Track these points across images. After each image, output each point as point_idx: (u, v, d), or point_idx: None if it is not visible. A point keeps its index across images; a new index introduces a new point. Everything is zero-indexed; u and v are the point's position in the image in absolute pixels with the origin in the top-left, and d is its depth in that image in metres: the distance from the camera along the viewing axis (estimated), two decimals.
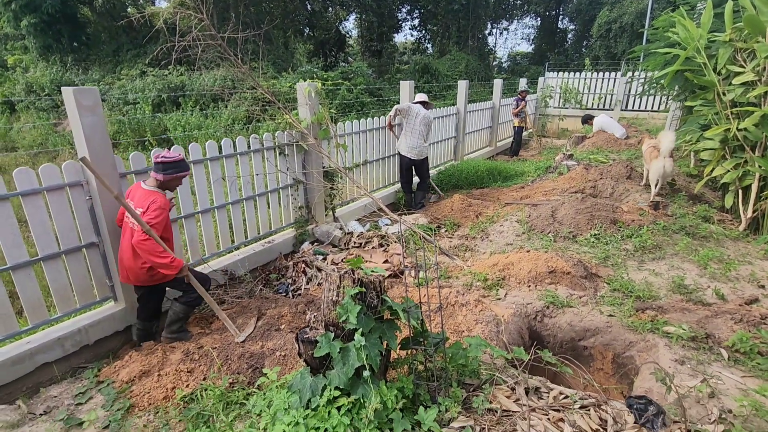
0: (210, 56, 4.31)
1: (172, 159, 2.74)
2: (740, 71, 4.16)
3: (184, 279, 2.86)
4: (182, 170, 2.80)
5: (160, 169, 2.71)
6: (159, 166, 2.70)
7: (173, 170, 2.75)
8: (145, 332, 3.03)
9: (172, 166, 2.74)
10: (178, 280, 2.86)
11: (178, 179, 2.84)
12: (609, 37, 21.34)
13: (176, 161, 2.76)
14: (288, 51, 18.99)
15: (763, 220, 4.28)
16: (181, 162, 2.80)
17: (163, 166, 2.71)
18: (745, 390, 2.13)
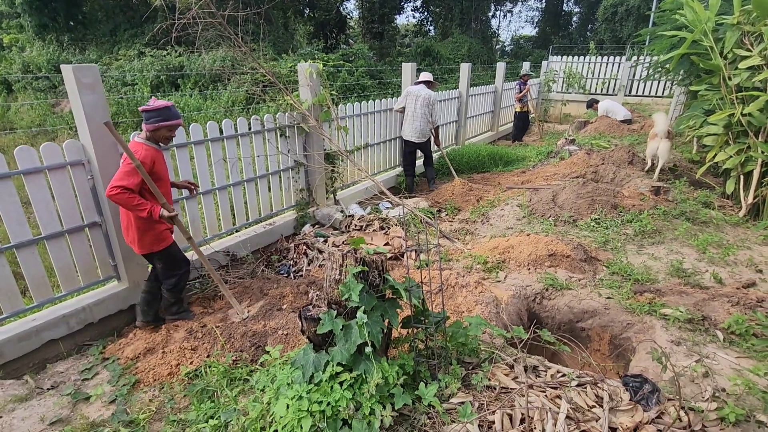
0: (210, 36, 4.24)
1: (154, 107, 2.54)
2: (747, 55, 4.11)
3: (166, 262, 2.79)
4: (167, 119, 2.57)
5: (145, 119, 2.56)
6: (144, 116, 2.56)
7: (157, 118, 2.55)
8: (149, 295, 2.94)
9: (155, 114, 2.54)
10: (163, 261, 2.78)
11: (166, 129, 2.61)
12: (615, 21, 20.99)
13: (158, 108, 2.54)
14: (288, 32, 18.68)
15: (763, 206, 4.28)
16: (164, 109, 2.56)
17: (146, 114, 2.55)
18: (738, 370, 2.17)
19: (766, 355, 2.24)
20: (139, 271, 3.08)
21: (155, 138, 2.63)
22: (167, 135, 2.66)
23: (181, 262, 2.90)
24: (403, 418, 1.79)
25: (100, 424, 2.14)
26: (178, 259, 2.87)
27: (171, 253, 2.81)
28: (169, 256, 2.81)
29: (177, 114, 2.65)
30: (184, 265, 2.91)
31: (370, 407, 1.68)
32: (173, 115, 2.61)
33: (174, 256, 2.84)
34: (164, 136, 2.65)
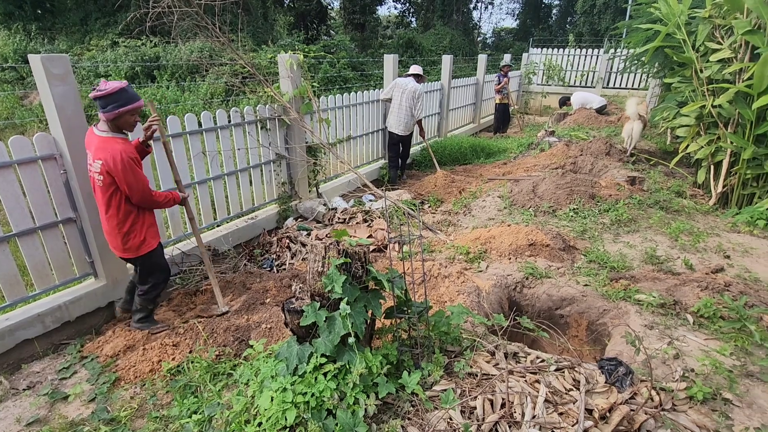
0: (186, 25, 4.14)
1: (108, 91, 2.21)
2: (717, 48, 4.24)
3: (149, 266, 2.64)
4: (127, 102, 2.26)
5: (100, 107, 2.25)
6: (98, 103, 2.25)
7: (115, 105, 2.24)
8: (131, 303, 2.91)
9: (112, 99, 2.23)
10: (145, 266, 2.63)
11: (127, 115, 2.31)
12: (593, 14, 21.30)
13: (113, 92, 2.23)
14: (267, 22, 18.32)
15: (732, 194, 4.46)
16: (121, 92, 2.24)
17: (101, 102, 2.23)
18: (706, 351, 2.27)
19: (732, 336, 2.35)
20: (117, 267, 3.01)
21: (119, 126, 2.35)
22: (131, 121, 2.37)
23: (162, 269, 2.72)
24: (387, 407, 1.82)
25: (80, 423, 2.11)
26: (159, 266, 2.70)
27: (153, 259, 2.65)
28: (151, 260, 2.64)
29: (135, 95, 2.35)
30: (163, 273, 2.74)
31: (354, 397, 1.70)
32: (132, 96, 2.31)
33: (155, 263, 2.67)
34: (128, 122, 2.36)
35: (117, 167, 2.27)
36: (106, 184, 2.34)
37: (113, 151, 2.27)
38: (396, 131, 5.73)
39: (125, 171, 2.29)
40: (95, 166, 2.32)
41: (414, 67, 5.80)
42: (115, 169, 2.27)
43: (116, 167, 2.27)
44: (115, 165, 2.26)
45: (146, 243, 2.56)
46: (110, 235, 2.53)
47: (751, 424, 1.83)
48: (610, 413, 1.76)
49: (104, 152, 2.28)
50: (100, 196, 2.41)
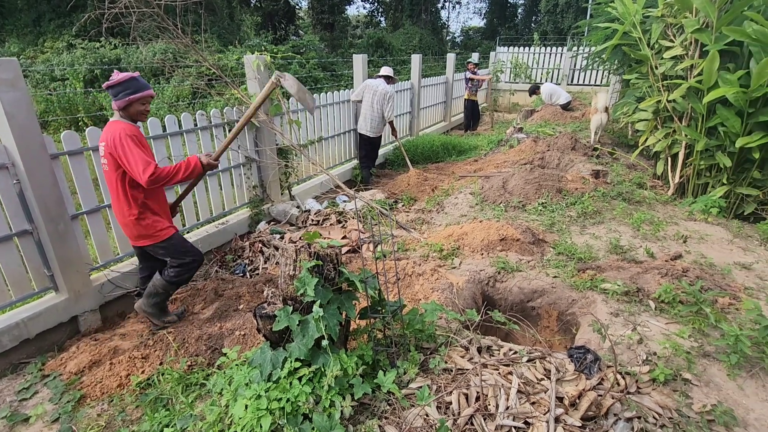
0: (146, 26, 4.00)
1: (118, 80, 2.32)
2: (670, 45, 4.45)
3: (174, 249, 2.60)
4: (137, 90, 2.36)
5: (112, 96, 2.35)
6: (110, 93, 2.35)
7: (125, 92, 2.33)
8: None
9: (122, 88, 2.33)
10: (170, 250, 2.60)
11: (138, 102, 2.39)
12: (556, 13, 21.93)
13: (123, 81, 2.32)
14: (234, 23, 17.94)
15: (688, 184, 4.70)
16: (131, 81, 2.35)
17: (112, 91, 2.34)
18: (667, 334, 2.39)
19: (690, 319, 2.48)
20: (79, 280, 2.88)
21: (129, 115, 2.42)
22: (141, 109, 2.44)
23: (192, 249, 2.70)
24: (364, 407, 1.83)
25: None
26: (186, 247, 2.67)
27: (174, 240, 2.62)
28: (172, 242, 2.60)
29: (146, 84, 2.43)
30: (195, 253, 2.70)
31: (330, 399, 1.69)
32: (142, 85, 2.40)
33: (180, 244, 2.65)
34: (138, 110, 2.43)
35: (116, 145, 2.31)
36: (111, 167, 2.38)
37: (113, 131, 2.32)
38: (366, 133, 5.76)
39: (123, 148, 2.30)
40: (100, 149, 2.40)
41: (384, 69, 5.83)
42: (114, 147, 2.31)
43: (115, 145, 2.31)
44: (114, 143, 2.31)
45: (163, 228, 2.56)
46: (123, 224, 2.54)
47: (709, 401, 1.93)
48: (580, 399, 1.82)
49: (106, 134, 2.35)
50: (108, 182, 2.46)
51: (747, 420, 1.88)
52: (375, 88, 5.59)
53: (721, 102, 3.99)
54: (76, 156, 2.89)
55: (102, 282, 3.03)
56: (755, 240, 3.71)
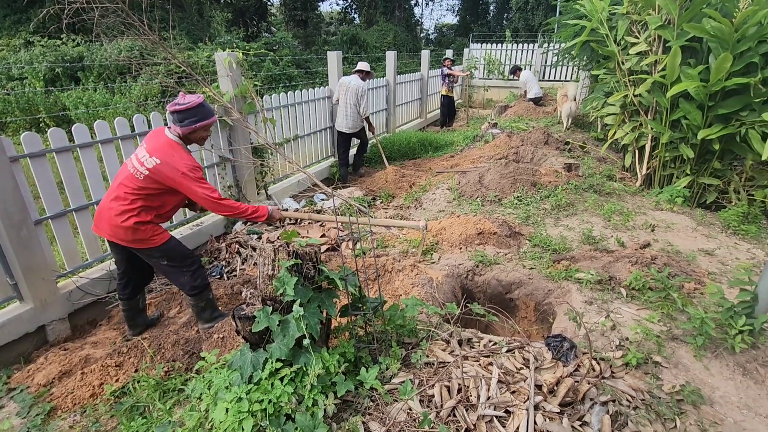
0: (111, 22, 3.84)
1: (188, 106, 2.28)
2: (635, 42, 4.60)
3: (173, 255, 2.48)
4: (204, 117, 2.34)
5: (176, 120, 2.30)
6: (174, 117, 2.30)
7: (193, 119, 2.30)
8: (132, 312, 2.68)
9: (190, 114, 2.29)
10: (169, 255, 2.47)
11: (201, 130, 2.38)
12: (527, 10, 22.33)
13: (193, 107, 2.30)
14: (203, 19, 17.47)
15: (654, 176, 4.88)
16: (199, 107, 2.32)
17: (178, 116, 2.29)
18: (639, 320, 2.48)
19: (659, 304, 2.59)
20: (45, 288, 2.76)
21: (190, 140, 2.41)
22: (204, 135, 2.44)
23: (188, 252, 2.60)
24: (347, 405, 1.82)
25: None
26: (183, 250, 2.56)
27: (172, 244, 2.50)
28: (170, 245, 2.49)
29: (211, 110, 2.41)
30: (192, 256, 2.60)
31: (312, 398, 1.68)
32: (209, 112, 2.38)
33: (177, 249, 2.53)
34: (201, 137, 2.43)
35: (177, 176, 2.27)
36: (149, 182, 2.29)
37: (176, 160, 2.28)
38: (343, 129, 5.75)
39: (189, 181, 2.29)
40: (146, 158, 2.29)
41: (360, 63, 5.80)
42: (174, 177, 2.27)
43: (176, 176, 2.27)
44: (176, 173, 2.27)
45: (160, 232, 2.45)
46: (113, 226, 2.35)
47: (678, 382, 2.02)
48: (557, 386, 1.88)
49: (162, 152, 2.28)
50: (126, 186, 2.32)
51: (713, 398, 1.98)
52: (348, 84, 5.57)
53: (683, 96, 4.16)
54: (38, 159, 2.75)
55: (70, 289, 2.91)
56: (717, 227, 3.90)
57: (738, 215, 3.87)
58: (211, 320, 2.68)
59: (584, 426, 1.73)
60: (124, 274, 2.62)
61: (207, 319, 2.68)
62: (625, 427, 1.77)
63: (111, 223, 2.34)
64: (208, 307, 2.67)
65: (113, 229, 2.35)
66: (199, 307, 2.64)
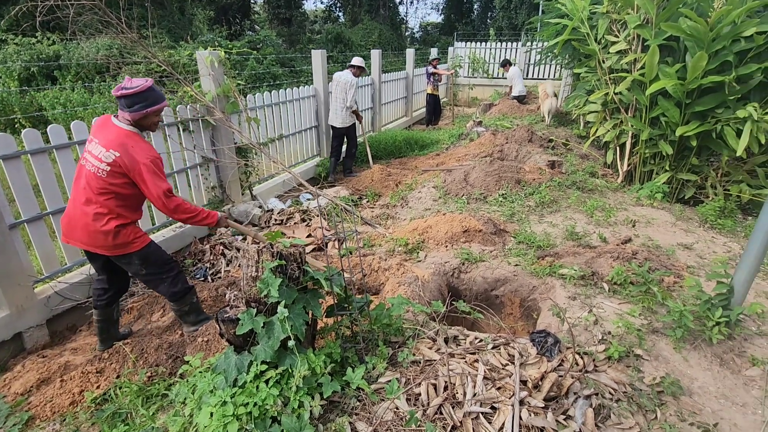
0: (87, 20, 3.75)
1: (136, 90, 2.14)
2: (615, 40, 4.68)
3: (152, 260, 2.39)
4: (155, 102, 2.21)
5: (125, 106, 2.16)
6: (122, 102, 2.16)
7: (143, 104, 2.17)
8: (106, 322, 2.57)
9: (139, 99, 2.15)
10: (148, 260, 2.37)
11: (153, 115, 2.25)
12: (510, 9, 22.52)
13: (142, 92, 2.15)
14: (185, 17, 17.17)
15: (635, 172, 4.98)
16: (149, 92, 2.18)
17: (126, 101, 2.14)
18: (620, 314, 2.53)
19: (640, 298, 2.64)
20: (21, 293, 2.68)
21: (142, 126, 2.26)
22: (155, 120, 2.30)
23: (168, 258, 2.52)
24: (334, 405, 1.82)
25: None
26: (162, 256, 2.47)
27: (152, 249, 2.41)
28: (150, 250, 2.39)
29: (162, 94, 2.28)
30: (172, 262, 2.52)
31: (298, 400, 1.67)
32: (160, 96, 2.24)
33: (156, 254, 2.44)
34: (153, 122, 2.29)
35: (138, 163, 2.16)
36: (113, 177, 2.17)
37: (134, 147, 2.17)
38: (335, 124, 5.82)
39: (148, 170, 2.18)
40: (102, 152, 2.15)
41: (354, 59, 5.86)
42: (133, 165, 2.16)
43: (136, 163, 2.16)
44: (134, 161, 2.15)
45: (140, 235, 2.36)
46: (91, 232, 2.23)
47: (658, 374, 2.07)
48: (542, 381, 1.90)
49: (118, 142, 2.15)
50: (91, 187, 2.18)
51: (692, 389, 2.03)
52: (338, 79, 5.65)
53: (662, 94, 4.25)
54: (12, 161, 2.67)
55: (48, 295, 2.84)
56: (695, 222, 4.00)
57: (715, 210, 3.98)
58: (196, 323, 2.64)
59: (568, 420, 1.76)
60: (104, 281, 2.53)
61: (192, 322, 2.64)
62: (608, 420, 1.81)
63: (88, 230, 2.22)
64: (193, 310, 2.63)
65: (91, 236, 2.23)
66: (182, 311, 2.60)
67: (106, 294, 2.54)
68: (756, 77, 3.76)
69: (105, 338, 2.60)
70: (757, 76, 3.75)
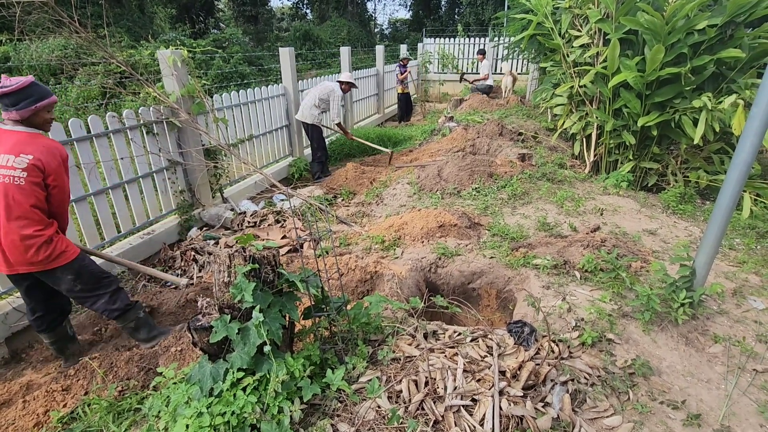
0: (37, 19, 3.54)
1: (18, 86, 2.00)
2: (578, 35, 4.82)
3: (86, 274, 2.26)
4: (42, 96, 2.09)
5: (9, 105, 2.02)
6: (5, 102, 2.02)
7: (29, 100, 2.04)
8: (60, 342, 2.41)
9: (25, 95, 2.03)
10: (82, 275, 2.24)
11: (45, 110, 2.12)
12: (477, 5, 22.80)
13: (24, 87, 2.02)
14: (145, 16, 16.53)
15: (601, 162, 5.15)
16: (33, 87, 2.06)
17: (11, 98, 2.01)
18: (592, 300, 2.61)
19: (609, 284, 2.73)
20: None
21: (35, 126, 2.12)
22: (48, 117, 2.16)
23: (102, 273, 2.36)
24: (315, 408, 1.79)
25: None
26: (95, 271, 2.31)
27: (86, 263, 2.27)
28: (83, 264, 2.25)
29: (48, 89, 2.15)
30: (109, 278, 2.38)
31: (278, 406, 1.64)
32: (45, 91, 2.12)
33: (88, 268, 2.28)
34: (45, 119, 2.15)
35: (54, 162, 2.08)
36: (32, 182, 2.03)
37: (47, 147, 2.09)
38: (298, 117, 5.85)
39: (64, 167, 2.15)
40: (17, 161, 2.00)
41: (344, 74, 6.13)
42: (50, 164, 2.07)
43: (53, 162, 2.08)
44: (51, 160, 2.07)
45: (70, 250, 2.21)
46: (21, 248, 2.05)
47: (629, 357, 2.15)
48: (520, 371, 1.94)
49: (31, 146, 2.04)
50: (14, 199, 2.01)
51: (660, 368, 2.11)
52: (323, 83, 5.81)
53: (623, 86, 4.40)
54: None
55: (6, 311, 2.67)
56: (658, 208, 4.17)
57: (676, 196, 4.16)
58: (150, 339, 2.54)
59: (546, 407, 1.79)
60: (36, 306, 2.31)
61: (145, 339, 2.53)
62: (584, 404, 1.86)
63: (15, 249, 2.04)
64: (142, 326, 2.51)
65: (18, 255, 2.06)
66: (129, 329, 2.47)
67: (44, 319, 2.34)
68: (709, 68, 3.94)
69: (68, 356, 2.47)
70: (710, 67, 3.93)
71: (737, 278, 2.89)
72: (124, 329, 2.49)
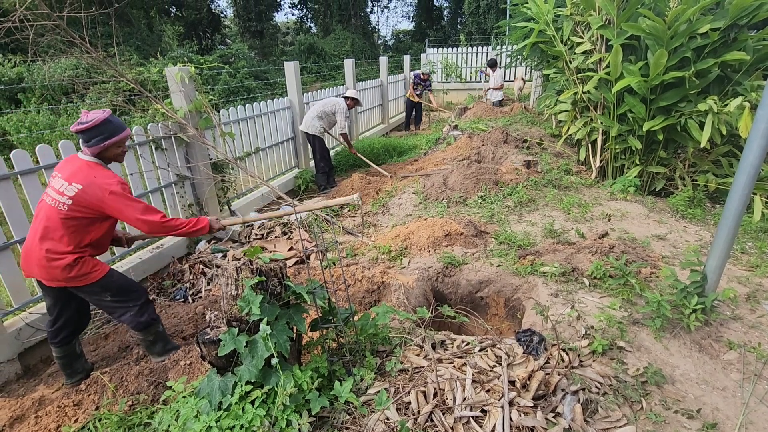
0: (50, 41, 3.65)
1: (91, 123, 2.10)
2: (580, 41, 4.83)
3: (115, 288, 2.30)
4: (113, 134, 2.16)
5: (84, 141, 2.14)
6: (81, 138, 2.14)
7: (100, 137, 2.13)
8: (68, 358, 2.43)
9: (95, 132, 2.12)
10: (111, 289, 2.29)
11: (114, 147, 2.21)
12: (479, 14, 22.99)
13: (97, 125, 2.12)
14: (154, 34, 16.91)
15: (607, 167, 5.12)
16: (105, 124, 2.14)
17: (84, 135, 2.12)
18: (601, 308, 2.58)
19: (619, 291, 2.70)
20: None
21: (106, 159, 2.23)
22: (118, 152, 2.26)
23: (133, 285, 2.41)
24: (323, 421, 1.79)
25: None
26: (126, 284, 2.36)
27: (114, 278, 2.31)
28: (112, 280, 2.30)
29: (121, 124, 2.23)
30: (138, 289, 2.43)
31: (286, 419, 1.63)
32: (118, 126, 2.19)
33: (118, 282, 2.33)
34: (115, 154, 2.25)
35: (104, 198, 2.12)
36: (75, 211, 2.11)
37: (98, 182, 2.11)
38: (302, 128, 5.89)
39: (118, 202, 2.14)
40: (64, 186, 2.10)
41: (349, 91, 6.18)
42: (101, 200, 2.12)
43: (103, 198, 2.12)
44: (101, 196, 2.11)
45: (99, 268, 2.26)
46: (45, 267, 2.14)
47: (641, 365, 2.11)
48: (530, 380, 1.91)
49: (81, 176, 2.11)
50: (52, 219, 2.11)
51: (674, 376, 2.08)
52: (330, 99, 5.92)
53: (627, 91, 4.39)
54: None
55: (19, 327, 2.71)
56: (667, 213, 4.13)
57: (685, 200, 4.12)
58: (163, 353, 2.55)
59: (557, 417, 1.77)
60: (58, 319, 2.37)
61: (159, 352, 2.55)
62: (596, 414, 1.83)
63: (41, 265, 2.14)
64: (159, 340, 2.53)
65: (45, 271, 2.15)
66: (148, 342, 2.50)
67: (61, 332, 2.38)
68: (713, 71, 3.93)
69: (71, 373, 2.48)
70: (714, 70, 3.92)
71: (750, 283, 2.85)
72: (142, 342, 2.50)
